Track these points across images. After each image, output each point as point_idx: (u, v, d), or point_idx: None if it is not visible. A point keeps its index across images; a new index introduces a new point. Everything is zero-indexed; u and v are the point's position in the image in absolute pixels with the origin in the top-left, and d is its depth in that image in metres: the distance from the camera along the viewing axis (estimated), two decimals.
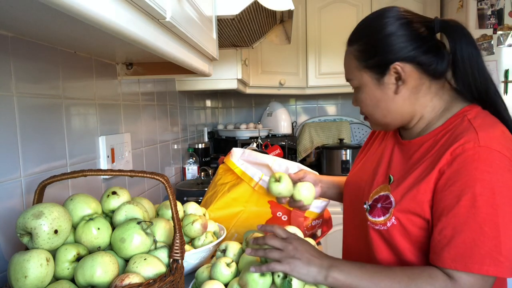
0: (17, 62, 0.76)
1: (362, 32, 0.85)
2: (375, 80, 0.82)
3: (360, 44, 0.83)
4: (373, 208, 0.84)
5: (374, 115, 0.87)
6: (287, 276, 0.76)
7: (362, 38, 0.84)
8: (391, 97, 0.83)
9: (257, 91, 2.44)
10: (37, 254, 0.61)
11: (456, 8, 2.44)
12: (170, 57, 0.75)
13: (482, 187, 0.68)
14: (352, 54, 0.85)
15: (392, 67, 0.79)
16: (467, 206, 0.69)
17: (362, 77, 0.84)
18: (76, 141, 0.97)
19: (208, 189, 1.34)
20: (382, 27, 0.80)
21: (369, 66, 0.82)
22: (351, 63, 0.85)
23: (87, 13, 0.43)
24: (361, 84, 0.85)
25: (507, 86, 2.22)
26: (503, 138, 0.73)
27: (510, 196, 0.69)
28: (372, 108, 0.86)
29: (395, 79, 0.81)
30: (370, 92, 0.84)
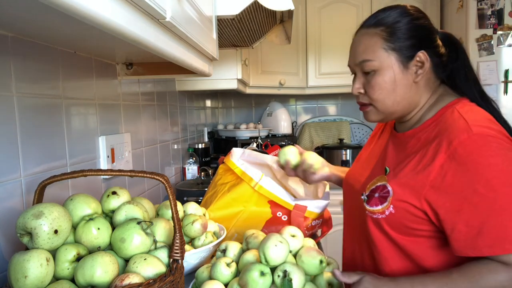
0: (17, 62, 0.76)
1: (392, 16, 0.85)
2: (401, 63, 0.83)
3: (391, 27, 0.84)
4: (371, 198, 0.86)
5: (385, 100, 0.86)
6: (286, 276, 0.76)
7: (396, 21, 0.84)
8: (410, 84, 0.85)
9: (257, 91, 2.45)
10: (37, 254, 0.61)
11: (456, 8, 2.44)
12: (170, 57, 0.75)
13: (493, 171, 0.71)
14: (378, 34, 0.84)
15: (418, 54, 0.83)
16: (485, 192, 0.71)
17: (387, 58, 0.83)
18: (76, 141, 0.97)
19: (208, 189, 1.34)
20: (417, 17, 0.85)
21: (397, 48, 0.83)
22: (377, 43, 0.84)
23: (87, 13, 0.43)
24: (384, 66, 0.84)
25: (507, 86, 2.22)
26: (491, 123, 0.77)
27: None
28: (387, 93, 0.85)
29: (417, 67, 0.84)
30: (392, 75, 0.84)
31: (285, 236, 0.88)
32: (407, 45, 0.83)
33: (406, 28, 0.84)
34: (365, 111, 0.90)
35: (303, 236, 0.92)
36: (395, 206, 0.81)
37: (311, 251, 0.83)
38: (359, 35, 0.88)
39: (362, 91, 0.88)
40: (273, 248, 0.78)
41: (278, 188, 1.16)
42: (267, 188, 1.15)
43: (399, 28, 0.84)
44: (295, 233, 0.90)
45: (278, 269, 0.77)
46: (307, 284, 0.78)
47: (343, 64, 0.94)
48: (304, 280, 0.77)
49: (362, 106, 0.91)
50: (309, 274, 0.82)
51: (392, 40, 0.83)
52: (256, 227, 1.11)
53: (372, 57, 0.84)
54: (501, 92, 2.23)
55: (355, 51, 0.88)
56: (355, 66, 0.88)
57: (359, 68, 0.87)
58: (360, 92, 0.88)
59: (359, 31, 0.89)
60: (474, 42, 2.25)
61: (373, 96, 0.86)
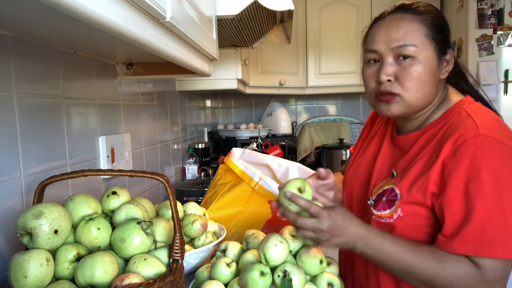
0: (17, 62, 0.76)
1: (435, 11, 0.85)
2: (437, 54, 0.81)
3: (434, 17, 0.82)
4: (378, 203, 0.85)
5: (418, 91, 0.80)
6: (286, 276, 0.76)
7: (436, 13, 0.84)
8: (438, 79, 0.83)
9: (257, 91, 2.44)
10: (37, 254, 0.61)
11: (456, 8, 2.44)
12: (170, 57, 0.75)
13: (487, 174, 0.71)
14: (424, 21, 0.81)
15: (449, 50, 0.84)
16: (474, 193, 0.71)
17: (428, 46, 0.80)
18: (76, 141, 0.97)
19: (208, 189, 1.34)
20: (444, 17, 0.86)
21: (437, 40, 0.81)
22: (421, 28, 0.80)
23: (87, 13, 0.43)
24: (424, 54, 0.80)
25: (507, 86, 2.22)
26: (499, 126, 0.77)
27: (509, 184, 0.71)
28: (422, 84, 0.80)
29: (445, 63, 0.84)
30: (429, 65, 0.80)
31: (285, 236, 0.88)
32: (444, 39, 0.82)
33: (444, 23, 0.84)
34: (387, 102, 0.82)
35: None
36: (403, 209, 0.80)
37: (311, 251, 0.83)
38: (393, 20, 0.82)
39: (392, 79, 0.81)
40: (273, 248, 0.78)
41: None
42: (267, 188, 1.15)
43: (439, 20, 0.83)
44: (295, 233, 0.90)
45: (278, 269, 0.77)
46: (307, 284, 0.78)
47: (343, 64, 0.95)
48: (304, 280, 0.77)
49: (386, 96, 0.82)
50: (309, 274, 0.82)
51: (435, 30, 0.81)
52: (256, 227, 1.11)
53: (415, 42, 0.79)
54: (501, 92, 2.23)
55: (391, 34, 0.81)
56: (388, 51, 0.81)
57: (394, 53, 0.81)
58: (390, 79, 0.81)
59: (389, 17, 0.84)
60: (474, 42, 2.25)
61: (408, 84, 0.80)
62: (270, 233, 0.83)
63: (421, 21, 0.81)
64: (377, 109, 0.86)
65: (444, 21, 0.85)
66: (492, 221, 0.70)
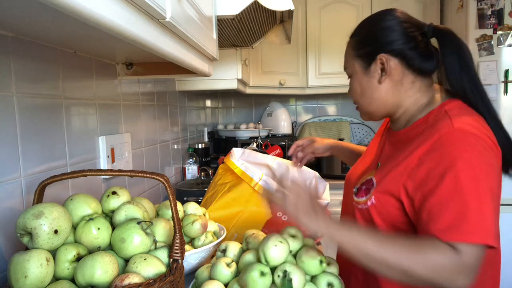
0: (17, 62, 0.76)
1: (362, 26, 0.94)
2: (363, 68, 0.91)
3: (358, 36, 0.94)
4: (359, 191, 0.91)
5: (360, 102, 0.95)
6: (286, 276, 0.76)
7: (361, 30, 0.94)
8: (375, 86, 0.91)
9: (257, 91, 2.44)
10: (37, 254, 0.61)
11: (456, 8, 2.44)
12: (170, 57, 0.75)
13: (463, 163, 0.73)
14: (350, 44, 0.95)
15: (378, 57, 0.88)
16: (451, 184, 0.73)
17: (354, 65, 0.93)
18: (76, 141, 0.97)
19: (208, 189, 1.34)
20: (378, 22, 0.90)
21: (359, 55, 0.92)
22: (348, 52, 0.95)
23: (87, 13, 0.43)
24: (353, 72, 0.94)
25: (507, 86, 2.22)
26: (476, 122, 0.79)
27: (488, 170, 0.74)
28: (359, 96, 0.94)
29: (380, 69, 0.89)
30: (359, 79, 0.93)
31: (285, 236, 0.88)
32: (366, 51, 0.90)
33: (365, 35, 0.92)
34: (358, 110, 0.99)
35: (303, 236, 0.92)
36: (376, 197, 0.85)
37: (311, 251, 0.83)
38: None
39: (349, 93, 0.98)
40: (273, 248, 0.78)
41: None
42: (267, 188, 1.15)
43: (363, 35, 0.93)
44: (295, 233, 0.90)
45: (278, 269, 0.77)
46: (307, 284, 0.78)
47: (343, 64, 0.97)
48: (304, 280, 0.77)
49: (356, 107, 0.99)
50: (309, 274, 0.82)
51: (356, 48, 0.93)
52: (256, 227, 1.11)
53: (346, 65, 0.96)
54: (501, 92, 2.23)
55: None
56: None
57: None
58: (349, 94, 0.98)
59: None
60: (474, 42, 2.25)
61: (352, 98, 0.98)
62: (270, 233, 0.83)
63: (350, 44, 0.95)
64: None
65: (366, 35, 0.91)
66: (469, 208, 0.71)
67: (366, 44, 0.90)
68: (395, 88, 0.89)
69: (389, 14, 0.90)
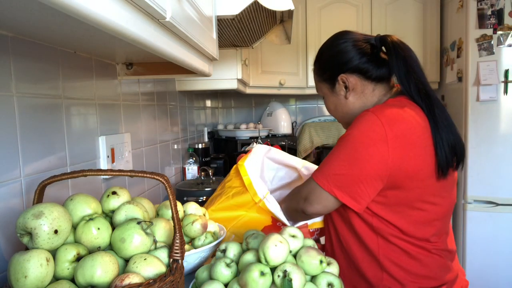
0: (17, 62, 0.76)
1: (320, 53, 1.08)
2: (330, 90, 1.07)
3: (319, 63, 1.08)
4: None
5: (336, 117, 1.11)
6: (286, 276, 0.76)
7: (319, 58, 1.09)
8: (344, 102, 1.05)
9: (257, 91, 2.44)
10: (37, 254, 0.61)
11: (456, 8, 2.44)
12: (170, 57, 0.75)
13: (346, 134, 0.93)
14: (315, 71, 1.11)
15: (339, 78, 1.02)
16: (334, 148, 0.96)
17: (322, 88, 1.09)
18: (76, 141, 0.97)
19: (218, 187, 1.31)
20: (331, 48, 1.05)
21: (324, 79, 1.07)
22: (315, 78, 1.11)
23: (87, 13, 0.43)
24: (324, 94, 1.10)
25: (507, 86, 2.22)
26: (393, 113, 0.90)
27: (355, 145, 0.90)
28: (334, 112, 1.10)
29: (344, 87, 1.03)
30: (329, 99, 1.09)
31: (285, 236, 0.88)
32: (328, 76, 1.05)
33: (324, 62, 1.06)
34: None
35: (303, 236, 0.92)
36: None
37: (311, 251, 0.83)
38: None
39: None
40: (273, 248, 0.78)
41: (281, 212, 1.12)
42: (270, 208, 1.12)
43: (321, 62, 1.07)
44: (295, 233, 0.90)
45: (278, 269, 0.77)
46: (307, 284, 0.78)
47: None
48: (304, 280, 0.77)
49: None
50: (309, 274, 0.82)
51: (319, 74, 1.08)
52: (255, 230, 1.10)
53: (317, 89, 1.12)
54: (501, 92, 2.23)
55: None
56: None
57: None
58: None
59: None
60: (474, 42, 2.25)
61: (333, 115, 1.12)
62: (270, 233, 0.83)
63: (314, 71, 1.11)
64: None
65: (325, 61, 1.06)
66: (329, 161, 0.94)
67: (326, 69, 1.05)
68: (360, 98, 1.03)
69: (341, 38, 1.03)
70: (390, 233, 0.94)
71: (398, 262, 0.94)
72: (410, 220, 0.93)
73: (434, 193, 0.93)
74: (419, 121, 0.91)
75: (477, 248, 2.32)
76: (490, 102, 2.25)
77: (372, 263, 0.96)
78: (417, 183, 0.90)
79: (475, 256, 2.33)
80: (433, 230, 0.95)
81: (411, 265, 0.94)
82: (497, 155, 2.25)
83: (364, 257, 0.98)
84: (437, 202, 0.94)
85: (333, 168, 0.93)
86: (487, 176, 2.26)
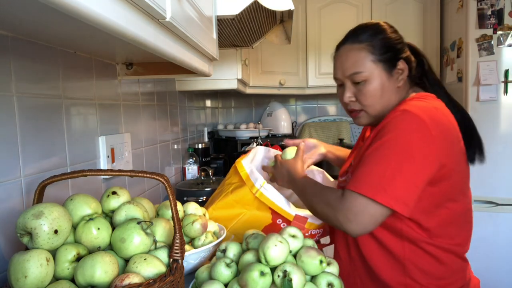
0: (17, 62, 0.76)
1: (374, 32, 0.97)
2: (387, 72, 0.95)
3: (376, 40, 0.96)
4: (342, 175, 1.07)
5: (375, 105, 0.97)
6: (286, 276, 0.76)
7: (375, 35, 0.96)
8: (395, 89, 0.97)
9: (257, 91, 2.44)
10: (37, 254, 0.61)
11: (456, 8, 2.44)
12: (170, 57, 0.75)
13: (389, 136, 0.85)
14: (369, 48, 0.95)
15: (399, 62, 0.96)
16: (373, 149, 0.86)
17: (375, 68, 0.95)
18: (76, 141, 0.97)
19: (218, 187, 1.33)
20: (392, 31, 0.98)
21: (383, 60, 0.95)
22: (366, 55, 0.95)
23: (87, 13, 0.43)
24: (373, 75, 0.95)
25: (507, 86, 2.22)
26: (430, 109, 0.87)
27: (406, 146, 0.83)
28: (377, 99, 0.96)
29: (398, 74, 0.96)
30: (381, 83, 0.95)
31: (285, 236, 0.88)
32: (389, 56, 0.95)
33: (386, 42, 0.96)
34: (356, 117, 1.02)
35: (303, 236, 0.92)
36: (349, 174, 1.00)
37: (311, 251, 0.83)
38: (344, 51, 0.99)
39: (354, 99, 0.99)
40: (273, 248, 0.78)
41: (280, 197, 1.14)
42: (267, 196, 1.13)
43: (383, 41, 0.96)
44: (295, 233, 0.90)
45: (278, 269, 0.77)
46: (307, 284, 0.78)
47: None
48: (304, 280, 0.77)
49: (353, 113, 1.02)
50: (309, 274, 0.82)
51: (380, 53, 0.95)
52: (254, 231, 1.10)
53: (362, 69, 0.95)
54: (501, 92, 2.23)
55: (343, 65, 0.98)
56: (344, 78, 0.99)
57: (349, 79, 0.98)
58: (352, 100, 0.99)
59: (342, 47, 1.00)
60: (474, 42, 2.25)
61: (365, 102, 0.97)
62: (270, 233, 0.83)
63: (367, 49, 0.95)
64: (353, 119, 1.04)
65: (388, 40, 0.96)
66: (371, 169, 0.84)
67: (388, 50, 0.95)
68: (402, 91, 0.99)
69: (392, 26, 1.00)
70: (417, 238, 0.91)
71: (424, 267, 0.92)
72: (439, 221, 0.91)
73: (461, 190, 0.94)
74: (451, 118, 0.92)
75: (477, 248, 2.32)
76: (490, 102, 2.25)
77: (394, 269, 0.94)
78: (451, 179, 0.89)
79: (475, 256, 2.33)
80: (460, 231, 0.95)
81: (436, 268, 0.92)
82: (497, 155, 2.25)
83: (386, 263, 0.95)
84: (461, 199, 0.94)
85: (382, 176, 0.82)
86: (487, 176, 2.26)
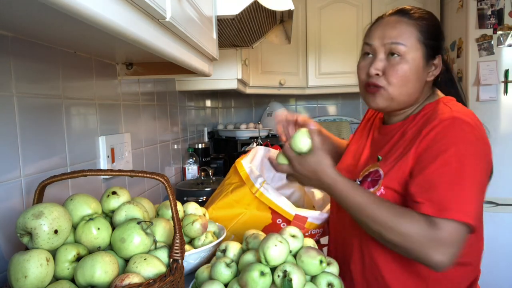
0: (17, 62, 0.76)
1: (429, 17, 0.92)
2: (425, 58, 0.89)
3: (428, 24, 0.90)
4: (363, 183, 0.92)
5: (401, 87, 0.89)
6: (286, 276, 0.76)
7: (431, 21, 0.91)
8: (423, 81, 0.91)
9: (257, 91, 2.44)
10: (37, 254, 0.61)
11: (456, 8, 2.44)
12: (170, 57, 0.75)
13: (455, 150, 0.79)
14: (418, 26, 0.89)
15: (437, 57, 0.91)
16: (441, 165, 0.79)
17: (417, 49, 0.88)
18: (76, 141, 0.97)
19: (218, 187, 1.33)
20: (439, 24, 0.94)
21: (427, 44, 0.89)
22: (414, 32, 0.89)
23: (87, 13, 0.43)
24: (411, 54, 0.88)
25: (507, 86, 2.22)
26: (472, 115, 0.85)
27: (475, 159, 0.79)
28: (405, 81, 0.88)
29: (433, 67, 0.92)
30: (415, 66, 0.88)
31: (285, 236, 0.88)
32: (435, 45, 0.90)
33: (438, 31, 0.92)
34: (373, 94, 0.91)
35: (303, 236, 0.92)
36: (385, 187, 0.87)
37: (311, 251, 0.83)
38: (391, 20, 0.91)
39: (380, 73, 0.89)
40: (273, 248, 0.78)
41: (279, 197, 1.14)
42: (267, 196, 1.13)
43: (434, 28, 0.91)
44: (295, 233, 0.90)
45: (278, 269, 0.77)
46: (307, 284, 0.78)
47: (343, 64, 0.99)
48: (304, 280, 0.77)
49: (372, 88, 0.91)
50: (309, 274, 0.82)
51: (427, 36, 0.89)
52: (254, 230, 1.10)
53: (405, 42, 0.87)
54: (501, 92, 2.23)
55: (386, 32, 0.89)
56: (381, 46, 0.90)
57: (386, 49, 0.89)
58: (377, 73, 0.89)
59: (389, 17, 0.92)
60: (474, 42, 2.25)
61: (393, 79, 0.88)
62: (270, 233, 0.83)
63: (415, 26, 0.89)
64: (365, 100, 0.95)
65: (438, 29, 0.92)
66: (451, 189, 0.77)
67: (436, 38, 0.90)
68: (426, 88, 0.94)
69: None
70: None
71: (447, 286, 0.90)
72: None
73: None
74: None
75: None
76: (490, 102, 2.25)
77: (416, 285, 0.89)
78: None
79: None
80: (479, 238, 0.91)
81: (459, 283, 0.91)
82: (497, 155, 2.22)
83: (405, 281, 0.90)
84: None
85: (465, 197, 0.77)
86: None
